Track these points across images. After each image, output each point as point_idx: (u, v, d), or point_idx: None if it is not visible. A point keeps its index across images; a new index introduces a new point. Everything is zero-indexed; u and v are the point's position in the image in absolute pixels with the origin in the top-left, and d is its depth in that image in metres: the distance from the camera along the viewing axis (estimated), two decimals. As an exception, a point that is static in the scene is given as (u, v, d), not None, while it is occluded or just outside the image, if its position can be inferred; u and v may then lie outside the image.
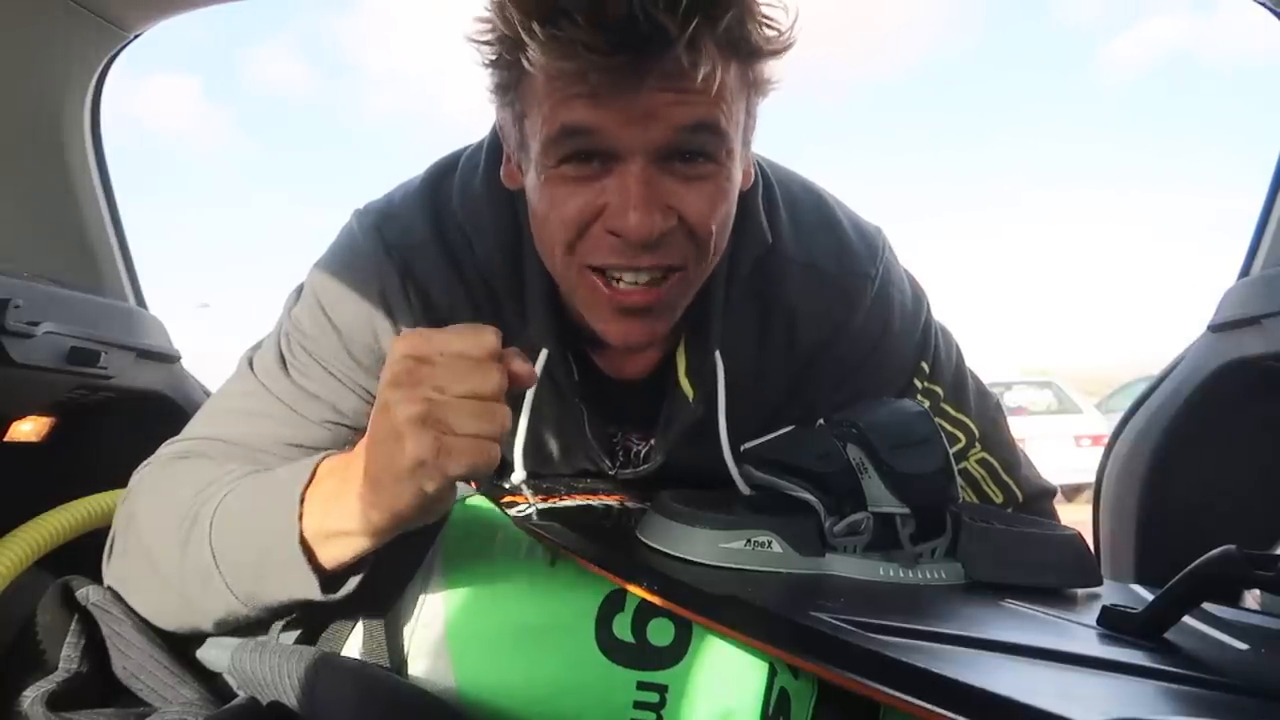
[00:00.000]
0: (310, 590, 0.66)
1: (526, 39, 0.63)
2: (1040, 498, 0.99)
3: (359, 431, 0.82)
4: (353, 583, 0.67)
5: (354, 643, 0.74)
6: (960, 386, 0.97)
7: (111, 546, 0.79)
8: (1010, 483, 0.96)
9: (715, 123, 0.68)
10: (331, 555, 0.65)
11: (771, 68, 0.72)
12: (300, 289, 0.85)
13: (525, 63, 0.65)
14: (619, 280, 0.71)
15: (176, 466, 0.79)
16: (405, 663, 0.72)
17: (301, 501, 0.65)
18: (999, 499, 0.95)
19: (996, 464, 0.96)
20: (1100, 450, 1.42)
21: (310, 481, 0.66)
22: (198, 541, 0.69)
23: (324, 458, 0.69)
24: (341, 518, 0.63)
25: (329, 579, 0.66)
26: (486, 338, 0.59)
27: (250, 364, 0.84)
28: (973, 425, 0.94)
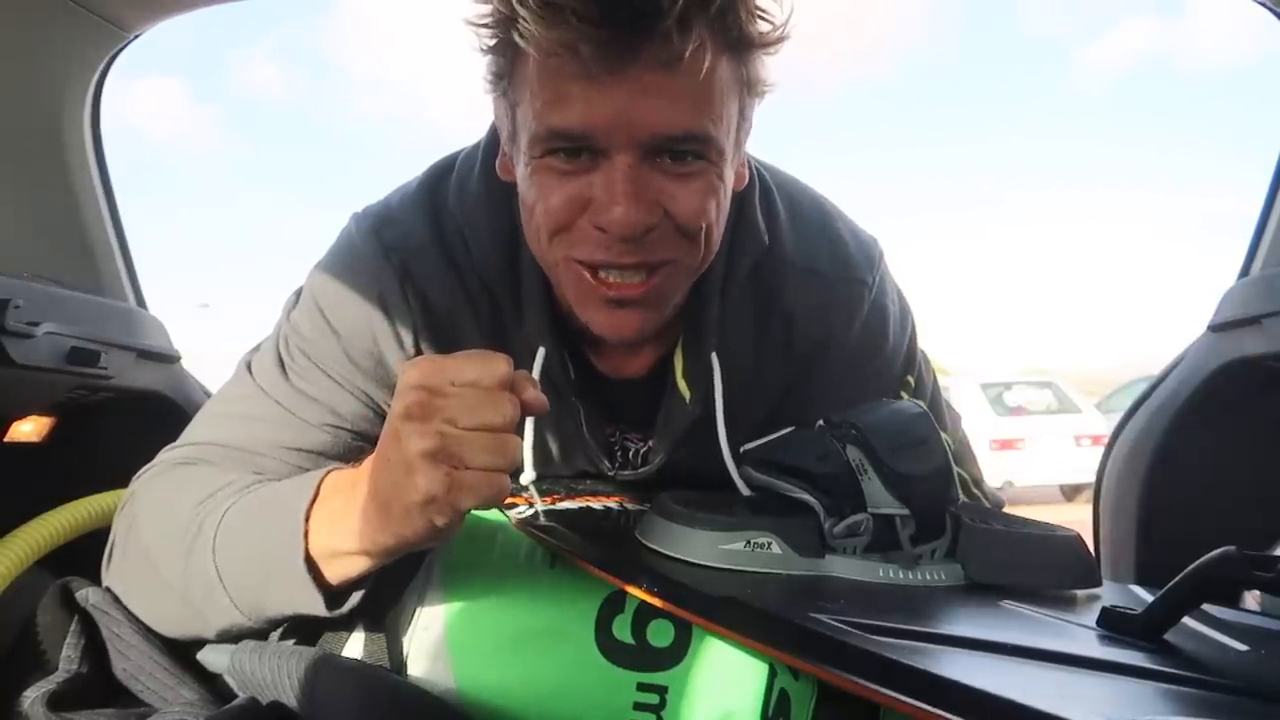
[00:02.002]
0: (315, 606, 0.66)
1: (519, 8, 0.63)
2: (997, 509, 1.03)
3: (359, 435, 0.82)
4: (356, 597, 0.67)
5: (354, 645, 0.74)
6: (937, 405, 0.99)
7: (111, 551, 0.79)
8: (980, 496, 1.00)
9: (703, 133, 0.67)
10: (336, 573, 0.65)
11: (765, 67, 0.72)
12: (299, 292, 0.84)
13: (518, 38, 0.64)
14: (606, 273, 0.71)
15: (178, 473, 0.78)
16: (405, 665, 0.72)
17: (306, 519, 0.65)
18: None
19: (967, 478, 0.99)
20: (1100, 450, 1.42)
21: (315, 498, 0.66)
22: (201, 554, 0.69)
23: (328, 473, 0.68)
24: (347, 538, 0.63)
25: (333, 594, 0.66)
26: (498, 367, 0.58)
27: (249, 368, 0.84)
28: (949, 441, 0.96)
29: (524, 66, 0.68)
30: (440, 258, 0.80)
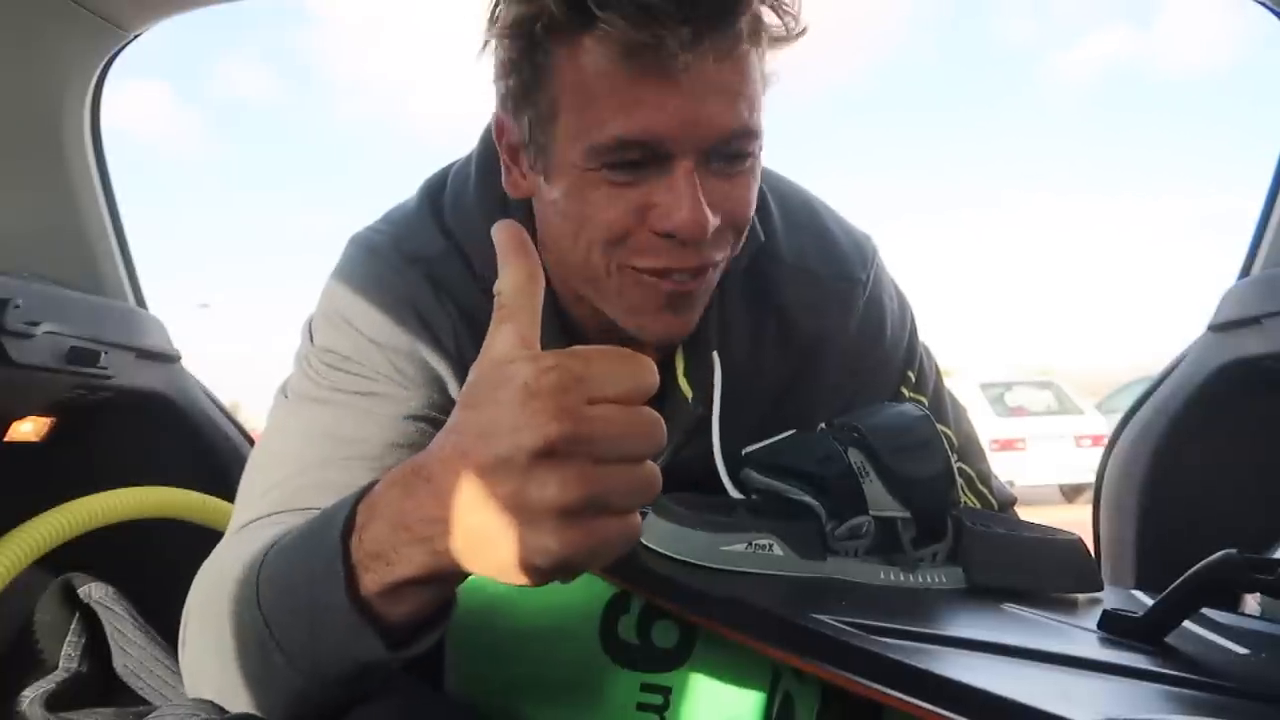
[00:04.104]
0: (374, 650, 0.51)
1: (597, 10, 0.61)
2: (1006, 505, 1.03)
3: (434, 426, 0.75)
4: (429, 639, 0.54)
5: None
6: (939, 398, 0.99)
7: (184, 636, 0.67)
8: (985, 492, 0.99)
9: (755, 129, 0.69)
10: (396, 608, 0.51)
11: (773, 60, 0.73)
12: (309, 327, 0.80)
13: (593, 43, 0.63)
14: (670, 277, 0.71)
15: (234, 541, 0.68)
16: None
17: (345, 541, 0.51)
18: (976, 507, 0.97)
19: (973, 474, 0.98)
20: (1100, 450, 1.43)
21: (355, 511, 0.52)
22: (248, 613, 0.56)
23: (368, 488, 0.53)
24: (405, 565, 0.49)
25: (394, 632, 0.52)
26: (647, 375, 0.46)
27: (284, 395, 0.78)
28: (952, 436, 0.96)
29: (564, 77, 0.66)
30: (460, 263, 0.79)
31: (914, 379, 0.95)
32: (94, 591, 0.93)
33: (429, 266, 0.79)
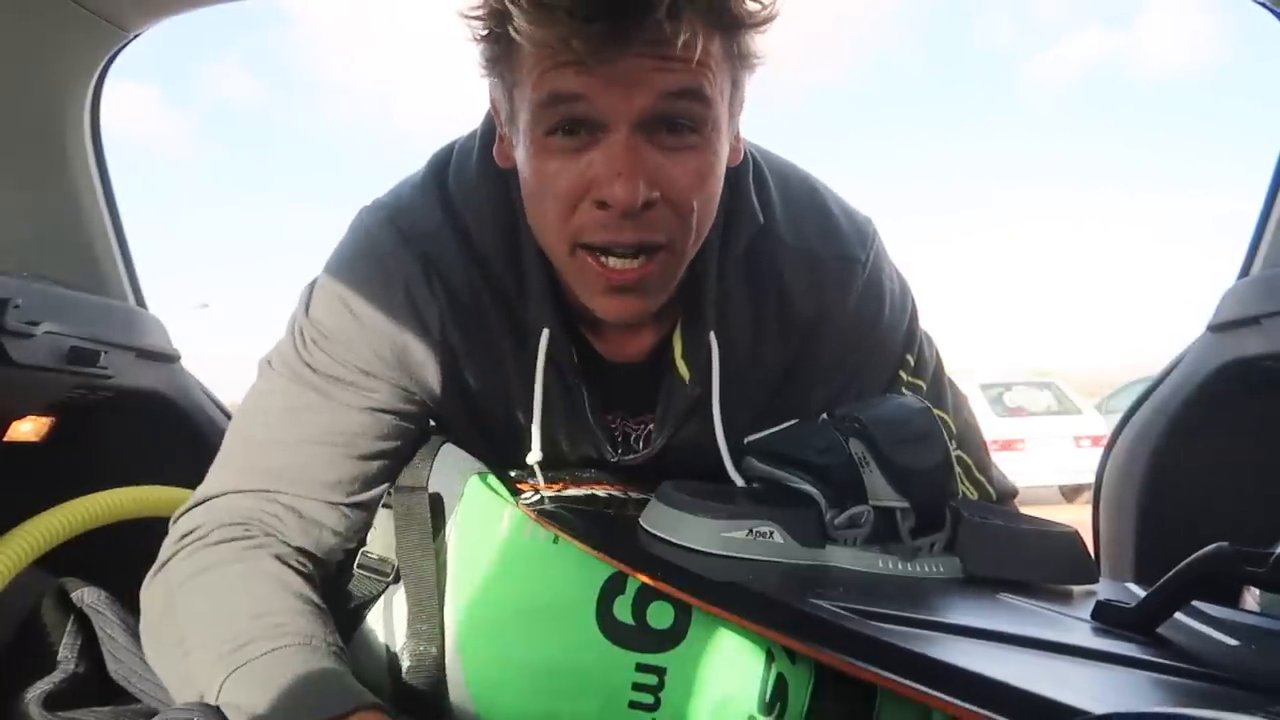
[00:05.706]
0: None
1: (511, 6, 0.63)
2: (1007, 497, 1.04)
3: (398, 415, 0.81)
4: None
5: (399, 622, 0.74)
6: (939, 384, 0.99)
7: (144, 620, 0.78)
8: (983, 481, 0.99)
9: (699, 89, 0.68)
10: None
11: (757, 41, 0.73)
12: (309, 293, 0.83)
13: (512, 32, 0.65)
14: (607, 258, 0.72)
15: (210, 572, 0.75)
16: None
17: None
18: (974, 496, 0.97)
19: (971, 462, 0.98)
20: (1100, 451, 1.42)
21: None
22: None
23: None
24: None
25: None
26: None
27: (269, 365, 0.83)
28: (951, 423, 0.96)
29: (521, 51, 0.69)
30: (456, 242, 0.80)
31: (913, 363, 0.94)
32: (86, 596, 0.93)
33: (424, 244, 0.80)
